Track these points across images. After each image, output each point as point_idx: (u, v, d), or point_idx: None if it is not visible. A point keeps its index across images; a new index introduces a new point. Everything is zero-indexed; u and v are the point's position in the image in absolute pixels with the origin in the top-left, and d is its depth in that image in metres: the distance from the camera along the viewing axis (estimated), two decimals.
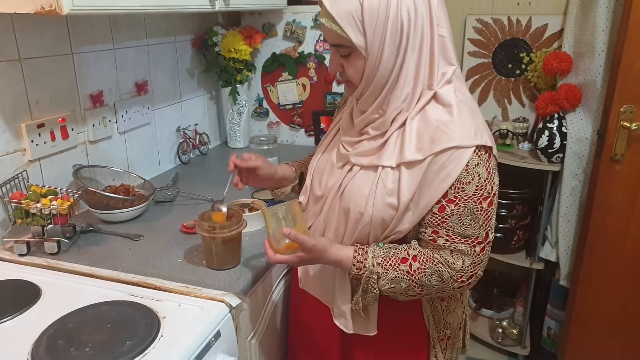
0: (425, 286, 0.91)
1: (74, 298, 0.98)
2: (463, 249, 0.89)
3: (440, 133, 0.86)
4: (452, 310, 1.06)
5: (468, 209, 0.87)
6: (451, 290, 0.93)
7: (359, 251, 0.93)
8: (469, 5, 2.12)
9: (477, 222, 0.88)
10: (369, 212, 0.92)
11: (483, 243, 0.90)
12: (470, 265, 0.91)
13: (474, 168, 0.86)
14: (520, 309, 2.18)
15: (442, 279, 0.90)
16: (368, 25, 0.85)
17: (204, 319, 0.94)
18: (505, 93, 2.14)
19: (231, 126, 2.05)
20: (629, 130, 1.63)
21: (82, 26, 1.38)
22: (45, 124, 1.29)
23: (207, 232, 1.06)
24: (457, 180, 0.86)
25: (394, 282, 0.91)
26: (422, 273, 0.90)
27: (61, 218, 1.16)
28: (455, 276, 0.91)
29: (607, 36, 1.72)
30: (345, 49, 0.90)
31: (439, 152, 0.86)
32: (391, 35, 0.86)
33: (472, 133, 0.86)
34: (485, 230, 0.90)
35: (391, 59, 0.88)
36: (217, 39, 1.88)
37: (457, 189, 0.86)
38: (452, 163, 0.85)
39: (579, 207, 1.89)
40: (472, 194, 0.87)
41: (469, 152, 0.85)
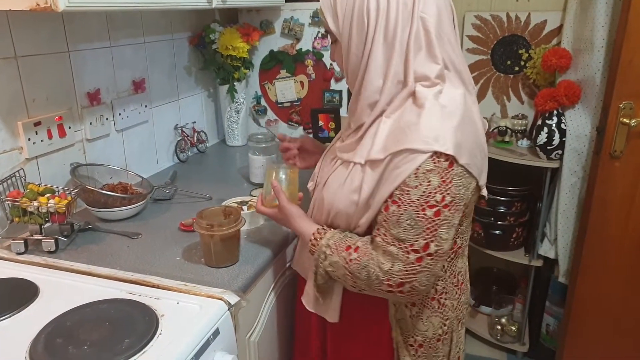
0: (356, 278, 0.91)
1: (72, 296, 0.98)
2: (394, 251, 0.86)
3: (402, 134, 0.85)
4: (423, 318, 1.00)
5: (408, 213, 0.84)
6: (381, 292, 0.90)
7: (320, 230, 0.99)
8: (467, 2, 2.11)
9: (415, 228, 0.84)
10: (336, 205, 0.96)
11: (420, 253, 0.85)
12: (401, 272, 0.86)
13: (424, 173, 0.83)
14: (519, 306, 2.18)
15: (369, 276, 0.89)
16: (339, 11, 0.91)
17: (202, 317, 0.93)
18: (504, 90, 2.13)
19: (229, 124, 2.04)
20: (628, 127, 1.63)
21: (78, 23, 1.37)
22: (42, 122, 1.28)
23: (205, 230, 1.06)
24: (403, 182, 0.84)
25: (334, 266, 0.94)
26: (355, 264, 0.91)
27: (59, 216, 1.16)
28: (382, 278, 0.87)
29: (606, 32, 1.72)
30: (332, 36, 0.96)
31: (396, 152, 0.85)
32: (357, 22, 0.89)
33: (432, 138, 0.82)
34: (426, 240, 0.84)
35: (360, 47, 0.90)
36: (214, 37, 1.87)
37: (403, 191, 0.84)
38: (404, 165, 0.84)
39: (578, 203, 1.89)
40: (417, 199, 0.83)
41: (424, 156, 0.82)
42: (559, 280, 2.00)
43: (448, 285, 1.01)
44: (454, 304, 1.04)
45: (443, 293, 1.01)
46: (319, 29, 1.92)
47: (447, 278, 1.01)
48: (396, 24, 0.86)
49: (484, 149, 0.93)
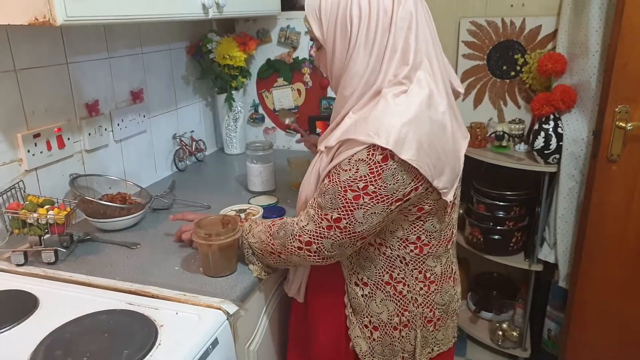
0: (275, 238, 1.02)
1: (71, 307, 0.98)
2: (311, 212, 0.97)
3: (354, 126, 0.93)
4: (377, 300, 1.02)
5: (333, 189, 0.92)
6: (294, 250, 0.99)
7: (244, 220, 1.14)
8: (462, 8, 2.12)
9: (334, 203, 0.92)
10: (304, 193, 1.05)
11: (331, 223, 0.93)
12: (312, 232, 0.96)
13: (356, 161, 0.90)
14: (520, 311, 2.18)
15: (286, 233, 1.00)
16: (323, 18, 0.96)
17: (201, 327, 0.93)
18: (501, 95, 2.14)
19: (227, 132, 2.05)
20: (624, 130, 1.64)
21: (76, 36, 1.39)
22: (42, 134, 1.29)
23: (203, 240, 1.06)
24: (339, 164, 0.92)
25: (258, 236, 1.07)
26: (277, 227, 1.03)
27: (58, 227, 1.16)
28: (296, 232, 0.98)
29: (600, 36, 1.73)
30: (317, 42, 1.01)
31: (343, 140, 0.93)
32: (341, 29, 0.94)
33: (373, 131, 0.87)
34: (339, 215, 0.92)
35: (343, 53, 0.95)
36: (211, 46, 1.88)
37: (336, 171, 0.93)
38: (345, 151, 0.92)
39: (577, 207, 1.90)
40: (342, 181, 0.91)
41: (360, 147, 0.89)
42: (559, 284, 2.00)
43: (409, 277, 1.03)
44: (417, 299, 1.04)
45: (401, 283, 1.03)
46: None
47: (409, 271, 1.02)
48: (376, 30, 0.91)
49: (448, 152, 0.93)
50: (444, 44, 1.01)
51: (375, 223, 0.93)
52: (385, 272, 1.02)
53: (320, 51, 1.01)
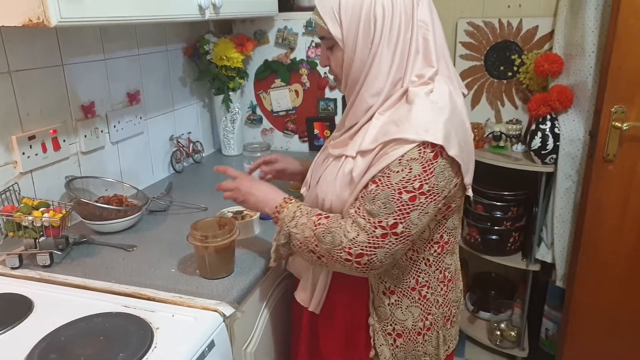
0: (320, 242, 0.94)
1: (66, 310, 0.98)
2: (361, 222, 0.91)
3: (394, 126, 0.91)
4: (402, 307, 1.02)
5: (385, 193, 0.89)
6: (338, 261, 0.93)
7: (289, 197, 1.05)
8: (460, 9, 2.13)
9: (388, 207, 0.89)
10: (329, 199, 0.99)
11: (387, 230, 0.89)
12: (364, 243, 0.90)
13: (408, 161, 0.87)
14: (518, 311, 2.18)
15: (333, 241, 0.92)
16: (344, 18, 0.92)
17: (197, 329, 0.93)
18: (498, 95, 2.14)
19: (225, 134, 2.05)
20: (620, 130, 1.64)
21: (72, 37, 1.38)
22: (37, 136, 1.28)
23: (199, 242, 1.06)
24: (387, 166, 0.89)
25: (301, 229, 0.98)
26: (322, 228, 0.95)
27: (53, 230, 1.16)
28: (345, 244, 0.91)
29: (596, 37, 1.73)
30: (329, 42, 0.97)
31: (387, 141, 0.90)
32: (364, 28, 0.92)
33: (423, 128, 0.87)
34: (396, 220, 0.89)
35: (365, 52, 0.93)
36: (208, 47, 1.88)
37: (384, 174, 0.89)
38: (392, 151, 0.89)
39: (574, 207, 1.90)
40: (396, 183, 0.88)
41: (411, 145, 0.87)
42: (556, 284, 2.00)
43: (432, 279, 1.04)
44: (438, 300, 1.05)
45: (425, 286, 1.03)
46: (313, 38, 1.93)
47: (432, 273, 1.03)
48: (399, 29, 0.91)
49: (472, 151, 0.97)
50: None
51: (425, 224, 0.93)
52: (411, 277, 1.02)
53: (333, 51, 0.98)
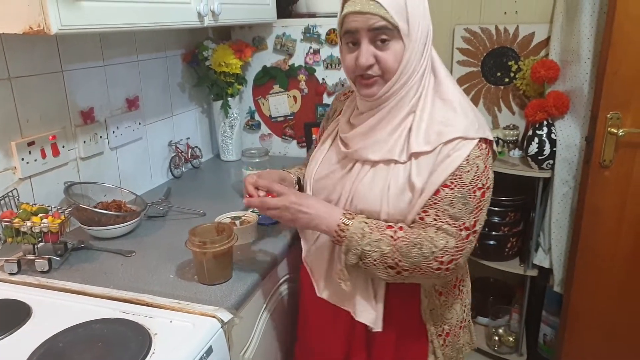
0: (404, 256, 0.91)
1: (65, 316, 0.98)
2: (448, 229, 0.91)
3: (445, 127, 0.92)
4: (450, 305, 1.07)
5: (462, 194, 0.91)
6: (428, 271, 0.91)
7: (349, 211, 0.98)
8: (457, 15, 2.14)
9: (467, 207, 0.91)
10: (384, 210, 0.95)
11: (470, 230, 0.92)
12: (453, 248, 0.91)
13: (474, 159, 0.91)
14: (516, 316, 2.18)
15: (423, 253, 0.90)
16: (411, 11, 0.91)
17: (195, 335, 0.93)
18: (495, 101, 2.16)
19: (223, 139, 2.05)
20: (616, 136, 1.65)
21: (71, 44, 1.39)
22: (36, 142, 1.29)
23: (198, 247, 1.06)
24: (457, 168, 0.90)
25: (376, 245, 0.92)
26: (405, 241, 0.91)
27: (52, 236, 1.16)
28: (437, 254, 0.90)
29: (592, 44, 1.75)
30: (388, 35, 0.91)
31: (447, 142, 0.91)
32: (424, 24, 0.95)
33: (476, 126, 0.92)
34: (475, 218, 0.92)
35: (422, 47, 0.95)
36: (207, 54, 1.89)
37: (455, 176, 0.91)
38: (456, 152, 0.91)
39: (571, 213, 1.91)
40: (468, 182, 0.91)
41: (473, 143, 0.91)
42: (554, 289, 2.00)
43: (463, 273, 1.11)
44: (467, 291, 1.12)
45: (461, 280, 1.09)
46: (311, 45, 1.95)
47: (464, 267, 1.10)
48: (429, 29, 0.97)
49: None
50: (438, 50, 1.04)
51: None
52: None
53: (390, 46, 0.92)
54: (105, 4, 1.05)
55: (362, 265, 0.95)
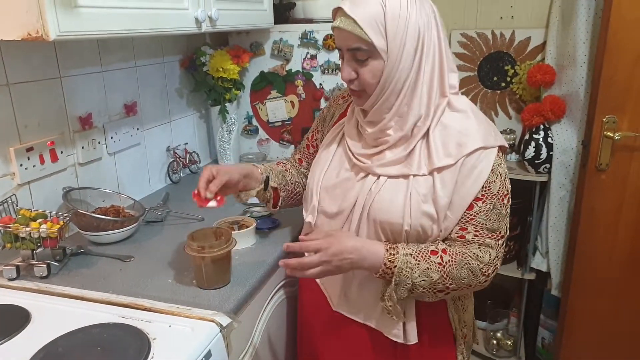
0: (455, 279, 0.92)
1: (64, 322, 0.98)
2: (490, 242, 0.94)
3: (464, 137, 0.93)
4: (466, 309, 1.10)
5: (494, 205, 0.93)
6: (477, 285, 0.96)
7: (391, 245, 0.94)
8: (453, 20, 2.16)
9: (500, 216, 0.94)
10: (407, 221, 0.94)
11: (504, 237, 0.96)
12: (495, 259, 0.95)
13: (497, 167, 0.94)
14: (514, 320, 2.18)
15: (473, 271, 0.93)
16: (390, 28, 0.90)
17: (194, 340, 0.93)
18: (492, 105, 2.17)
19: (221, 144, 2.06)
20: (612, 140, 1.66)
21: (70, 50, 1.40)
22: (34, 148, 1.29)
23: (196, 252, 1.07)
24: (486, 181, 0.92)
25: (425, 275, 0.92)
26: (452, 265, 0.92)
27: (51, 241, 1.16)
28: (484, 269, 0.94)
29: (587, 48, 1.76)
30: (364, 53, 0.92)
31: (469, 153, 0.92)
32: (410, 39, 0.91)
33: (492, 134, 0.94)
34: (505, 224, 0.96)
35: (409, 63, 0.92)
36: (205, 59, 1.90)
37: (485, 188, 0.92)
38: (481, 163, 0.92)
39: (568, 216, 1.91)
40: (497, 192, 0.93)
41: (494, 151, 0.93)
42: (552, 293, 2.01)
43: None
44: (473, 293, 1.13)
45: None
46: (308, 50, 1.96)
47: None
48: (434, 41, 0.94)
49: None
50: None
51: None
52: None
53: (368, 63, 0.93)
54: (103, 10, 1.06)
55: (412, 295, 0.94)
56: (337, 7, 0.94)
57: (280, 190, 1.22)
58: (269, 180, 1.18)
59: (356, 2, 0.91)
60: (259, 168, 1.19)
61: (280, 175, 1.23)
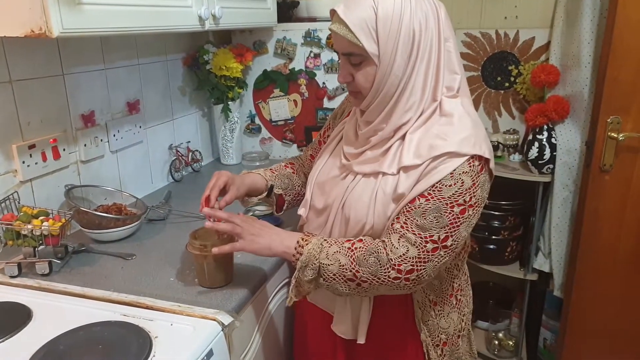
0: (361, 265, 0.90)
1: (65, 319, 0.98)
2: (411, 237, 0.89)
3: (439, 140, 0.90)
4: (445, 315, 1.06)
5: (436, 207, 0.88)
6: (385, 281, 0.90)
7: (308, 234, 0.98)
8: (457, 20, 2.15)
9: (440, 221, 0.88)
10: (370, 220, 0.95)
11: (438, 244, 0.89)
12: (414, 258, 0.88)
13: (460, 175, 0.88)
14: (516, 321, 2.18)
15: (379, 260, 0.89)
16: (382, 32, 0.88)
17: (196, 338, 0.93)
18: (495, 105, 2.16)
19: (224, 143, 2.06)
20: (616, 141, 1.66)
21: (73, 47, 1.39)
22: (37, 145, 1.29)
23: (198, 250, 1.06)
24: (439, 181, 0.88)
25: (334, 258, 0.92)
26: (362, 251, 0.91)
27: (53, 239, 1.16)
28: (395, 261, 0.88)
29: (592, 48, 1.75)
30: (357, 57, 0.92)
31: (436, 156, 0.89)
32: (403, 43, 0.89)
33: (471, 142, 0.89)
34: (447, 233, 0.89)
35: (402, 67, 0.91)
36: (208, 57, 1.89)
37: (435, 188, 0.88)
38: (442, 165, 0.89)
39: (571, 217, 1.91)
40: (448, 197, 0.88)
41: (462, 159, 0.88)
42: (554, 294, 2.00)
43: (462, 282, 1.09)
44: (467, 300, 1.12)
45: (459, 290, 1.08)
46: (312, 49, 1.95)
47: (461, 276, 1.09)
48: (431, 45, 0.91)
49: None
50: None
51: (467, 235, 0.94)
52: (449, 285, 1.05)
53: (362, 67, 0.93)
54: (106, 7, 1.05)
55: (323, 282, 0.94)
56: (333, 9, 0.93)
57: (286, 194, 1.24)
58: (272, 188, 1.20)
59: (349, 5, 0.90)
60: (265, 177, 1.21)
61: (286, 179, 1.24)
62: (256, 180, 1.19)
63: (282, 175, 1.24)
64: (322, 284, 0.95)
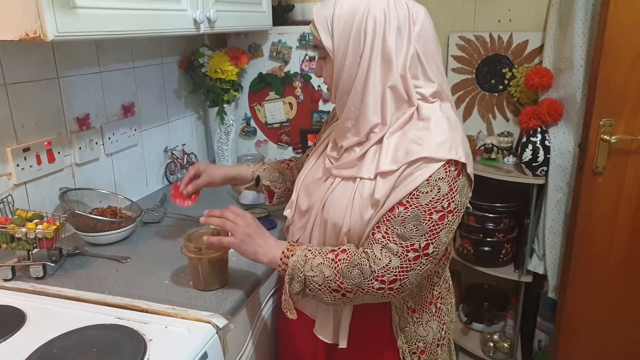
0: (345, 277, 0.91)
1: (59, 323, 0.98)
2: (393, 248, 0.89)
3: (415, 145, 0.89)
4: (424, 323, 1.05)
5: (415, 215, 0.88)
6: (369, 291, 0.91)
7: (293, 243, 1.00)
8: (451, 23, 2.16)
9: (419, 229, 0.88)
10: (346, 223, 0.95)
11: (419, 252, 0.89)
12: (397, 268, 0.89)
13: (436, 181, 0.87)
14: (511, 322, 2.19)
15: (362, 272, 0.90)
16: (336, 29, 0.93)
17: (190, 341, 0.93)
18: (490, 108, 2.17)
19: (219, 145, 2.06)
20: (609, 143, 1.67)
21: (68, 50, 1.39)
22: (31, 148, 1.29)
23: (193, 253, 1.06)
24: (416, 188, 0.88)
25: (319, 270, 0.93)
26: (345, 263, 0.91)
27: (47, 242, 1.16)
28: (378, 273, 0.89)
29: (584, 51, 1.77)
30: (322, 52, 0.97)
31: (411, 161, 0.88)
32: (354, 42, 0.91)
33: (446, 147, 0.88)
34: (427, 241, 0.89)
35: (354, 66, 0.92)
36: (203, 60, 1.90)
37: (413, 196, 0.88)
38: (418, 172, 0.88)
39: (565, 219, 1.92)
40: (425, 204, 0.87)
41: (437, 165, 0.87)
42: (548, 295, 2.01)
43: (443, 290, 1.08)
44: (448, 308, 1.10)
45: (439, 298, 1.07)
46: (307, 52, 1.96)
47: (442, 284, 1.07)
48: (391, 46, 0.90)
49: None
50: None
51: (448, 241, 0.94)
52: (428, 292, 1.04)
53: (324, 61, 0.98)
54: (101, 10, 1.05)
55: (309, 292, 0.95)
56: None
57: (275, 187, 1.30)
58: (259, 179, 1.28)
59: (323, 4, 0.96)
60: (251, 168, 1.30)
61: (277, 173, 1.31)
62: (242, 170, 1.30)
63: (273, 169, 1.31)
64: (309, 294, 0.96)
